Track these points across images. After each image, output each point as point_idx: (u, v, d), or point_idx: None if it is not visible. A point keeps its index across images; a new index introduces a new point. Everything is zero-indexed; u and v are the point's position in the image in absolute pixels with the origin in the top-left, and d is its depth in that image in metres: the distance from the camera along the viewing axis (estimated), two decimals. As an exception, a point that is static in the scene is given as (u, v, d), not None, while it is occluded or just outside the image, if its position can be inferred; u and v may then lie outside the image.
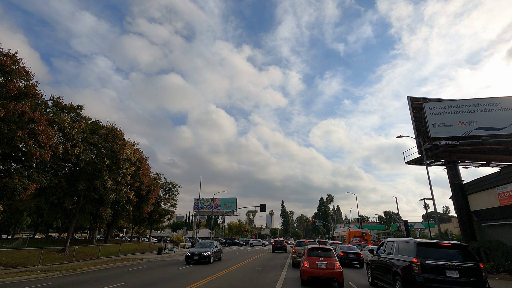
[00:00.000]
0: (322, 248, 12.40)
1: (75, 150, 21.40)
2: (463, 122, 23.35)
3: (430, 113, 24.04)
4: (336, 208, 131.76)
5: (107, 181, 24.49)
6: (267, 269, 17.24)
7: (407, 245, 8.95)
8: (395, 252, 9.58)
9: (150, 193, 33.83)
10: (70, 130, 21.34)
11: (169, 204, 44.39)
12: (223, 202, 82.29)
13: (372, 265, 11.91)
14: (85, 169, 24.63)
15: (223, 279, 13.28)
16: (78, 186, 23.62)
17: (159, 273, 15.67)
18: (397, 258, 9.19)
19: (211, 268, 17.68)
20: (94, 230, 32.94)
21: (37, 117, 16.78)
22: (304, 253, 12.51)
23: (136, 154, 29.23)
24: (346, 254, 19.67)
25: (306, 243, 20.76)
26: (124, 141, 27.63)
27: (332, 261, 11.35)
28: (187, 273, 15.55)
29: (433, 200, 20.51)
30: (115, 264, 21.32)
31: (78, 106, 24.05)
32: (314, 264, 11.29)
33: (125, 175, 26.85)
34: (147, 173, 34.24)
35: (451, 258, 8.05)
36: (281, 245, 36.40)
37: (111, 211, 26.67)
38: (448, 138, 23.29)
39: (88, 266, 19.26)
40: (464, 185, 23.31)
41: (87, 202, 25.69)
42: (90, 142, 24.19)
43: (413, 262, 8.10)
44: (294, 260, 18.97)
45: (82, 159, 22.98)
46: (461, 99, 24.26)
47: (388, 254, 10.12)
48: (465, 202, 22.98)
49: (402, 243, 9.45)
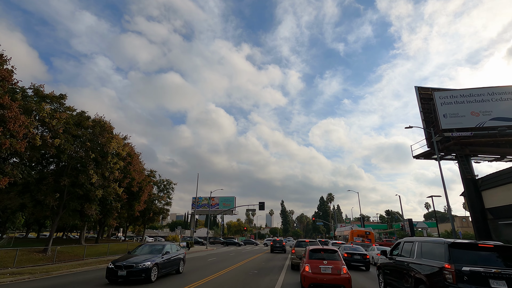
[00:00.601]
0: (326, 249, 10.60)
1: (55, 141, 19.63)
2: (476, 112, 21.59)
3: (441, 102, 22.27)
4: (337, 207, 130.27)
5: (92, 176, 22.73)
6: (263, 272, 15.47)
7: (435, 246, 7.17)
8: (416, 255, 7.82)
9: (142, 190, 32.05)
10: (50, 120, 19.58)
11: (163, 202, 42.63)
12: (222, 201, 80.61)
13: (384, 269, 10.15)
14: (68, 163, 22.89)
15: (211, 285, 11.53)
16: (60, 182, 21.88)
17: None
18: (420, 263, 7.43)
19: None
20: (82, 229, 31.18)
21: (6, 102, 15.01)
22: (305, 255, 10.74)
23: (126, 148, 27.46)
24: (351, 255, 17.90)
25: (307, 244, 18.93)
26: (113, 135, 25.87)
27: (338, 265, 9.59)
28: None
29: (446, 196, 18.78)
30: (99, 266, 19.56)
31: (61, 95, 22.25)
32: (317, 268, 9.53)
33: (113, 170, 25.09)
34: (139, 169, 32.47)
35: (493, 263, 6.30)
36: (280, 245, 34.71)
37: (98, 209, 24.90)
38: (460, 129, 21.54)
39: (68, 268, 17.49)
40: (478, 181, 21.61)
41: (72, 199, 23.92)
42: (74, 134, 22.39)
43: (444, 269, 6.33)
44: (294, 262, 17.21)
45: (65, 152, 21.22)
46: (474, 88, 22.48)
47: (406, 257, 8.37)
48: (479, 198, 21.28)
49: (427, 243, 7.66)
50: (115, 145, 24.47)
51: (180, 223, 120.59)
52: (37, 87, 21.44)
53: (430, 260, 7.05)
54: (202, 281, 12.41)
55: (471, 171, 21.77)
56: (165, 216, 44.97)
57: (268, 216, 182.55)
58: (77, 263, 20.53)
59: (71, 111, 23.52)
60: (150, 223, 45.23)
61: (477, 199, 21.18)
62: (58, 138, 20.27)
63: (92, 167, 23.08)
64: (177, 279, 13.21)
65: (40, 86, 21.64)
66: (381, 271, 10.60)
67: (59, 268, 17.77)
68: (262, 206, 43.89)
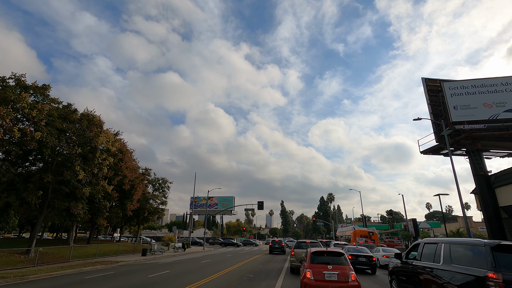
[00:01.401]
0: (331, 251, 9.05)
1: (36, 134, 18.16)
2: (489, 103, 20.12)
3: (451, 94, 20.80)
4: (337, 208, 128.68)
5: (79, 173, 21.27)
6: (259, 276, 13.96)
7: (472, 249, 5.68)
8: (444, 259, 6.34)
9: (134, 188, 30.57)
10: (30, 111, 18.12)
11: (159, 201, 41.12)
12: (221, 200, 79.09)
13: (399, 275, 8.69)
14: (53, 159, 21.46)
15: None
16: (44, 178, 20.43)
17: (123, 282, 12.44)
18: (450, 269, 5.96)
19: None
20: (71, 229, 29.68)
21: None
22: (306, 258, 9.23)
23: (116, 144, 25.98)
24: (356, 257, 16.39)
25: (307, 245, 17.40)
26: (102, 129, 24.39)
27: (345, 271, 8.11)
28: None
29: (459, 192, 17.28)
30: (84, 268, 18.10)
31: (44, 86, 20.78)
32: (320, 274, 8.04)
33: (101, 166, 23.62)
34: (131, 167, 30.99)
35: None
36: (280, 245, 33.21)
37: (85, 207, 23.43)
38: (472, 122, 20.07)
39: (47, 272, 16.04)
40: (491, 177, 20.14)
41: (58, 197, 22.46)
42: (58, 128, 20.91)
43: (488, 279, 4.87)
44: (293, 265, 15.71)
45: (47, 146, 19.76)
46: (487, 78, 21.00)
47: (429, 262, 6.90)
48: (492, 196, 19.80)
49: (458, 245, 6.16)
50: (104, 140, 23.00)
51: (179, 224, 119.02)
52: (18, 77, 20.01)
53: (465, 267, 5.58)
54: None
55: (483, 167, 20.29)
56: (160, 216, 43.44)
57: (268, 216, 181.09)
58: (60, 266, 19.09)
59: (56, 103, 22.06)
60: (145, 223, 43.72)
61: (490, 197, 19.72)
62: (40, 131, 18.82)
63: (79, 162, 21.63)
64: (155, 286, 11.70)
65: (22, 76, 20.21)
66: (394, 277, 9.13)
67: (38, 271, 16.31)
68: (261, 205, 42.51)
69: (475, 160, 20.22)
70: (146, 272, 15.75)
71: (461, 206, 17.39)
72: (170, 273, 15.14)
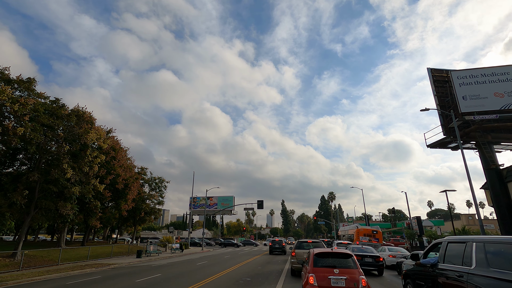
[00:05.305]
0: (337, 253, 7.84)
1: (18, 130, 17.03)
2: (501, 93, 18.96)
3: (459, 83, 19.65)
4: (338, 206, 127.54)
5: (67, 171, 20.15)
6: (257, 279, 12.81)
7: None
8: (477, 262, 5.20)
9: (128, 187, 29.42)
10: (12, 105, 17.00)
11: (155, 201, 39.98)
12: (220, 200, 77.96)
13: (415, 279, 7.55)
14: (40, 156, 20.35)
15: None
16: (29, 177, 19.31)
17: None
18: (489, 275, 4.82)
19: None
20: (62, 231, 28.53)
21: None
22: (309, 261, 8.04)
23: (108, 141, 24.83)
24: (361, 258, 15.23)
25: (309, 245, 16.22)
26: (93, 126, 23.26)
27: (354, 275, 6.96)
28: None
29: (471, 187, 16.11)
30: (71, 272, 16.97)
31: (29, 79, 19.65)
32: (325, 280, 6.90)
33: (92, 164, 22.50)
34: (125, 165, 29.87)
35: None
36: (280, 246, 32.06)
37: (75, 208, 22.28)
38: (482, 113, 18.91)
39: (31, 276, 14.91)
40: (503, 171, 19.02)
41: (45, 196, 21.33)
42: (45, 124, 19.79)
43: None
44: (294, 267, 14.55)
45: (32, 143, 18.64)
46: (497, 66, 19.84)
47: (456, 265, 5.76)
48: (504, 191, 18.69)
49: (496, 245, 5.02)
50: (94, 136, 21.87)
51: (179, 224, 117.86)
52: (2, 70, 18.89)
53: (509, 273, 4.45)
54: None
55: (494, 160, 19.16)
56: (157, 216, 42.30)
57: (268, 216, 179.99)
58: (47, 270, 17.95)
59: (42, 98, 20.95)
60: (142, 223, 42.60)
61: (502, 192, 18.60)
62: (23, 126, 17.69)
63: (67, 160, 20.51)
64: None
65: (6, 69, 19.10)
66: (409, 281, 7.98)
67: (21, 276, 15.18)
68: (260, 204, 41.43)
69: (486, 153, 19.08)
70: (136, 276, 14.61)
71: (474, 202, 16.24)
72: (160, 277, 14.00)
